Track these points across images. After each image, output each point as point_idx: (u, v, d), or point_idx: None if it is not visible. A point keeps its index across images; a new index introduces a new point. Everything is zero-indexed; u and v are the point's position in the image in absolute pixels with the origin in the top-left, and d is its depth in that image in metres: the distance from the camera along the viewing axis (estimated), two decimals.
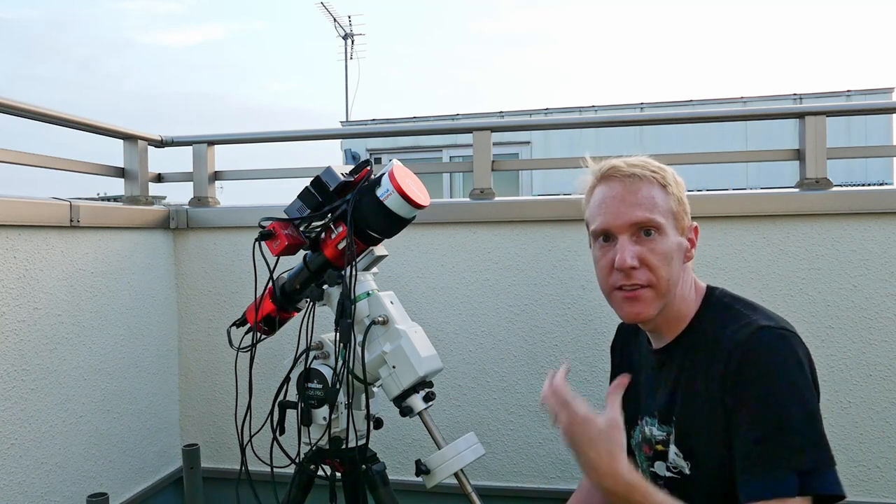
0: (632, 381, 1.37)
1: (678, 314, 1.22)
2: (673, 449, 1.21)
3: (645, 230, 1.16)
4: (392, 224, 1.33)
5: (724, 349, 1.11)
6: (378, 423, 1.41)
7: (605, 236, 1.20)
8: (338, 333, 1.30)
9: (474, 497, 1.27)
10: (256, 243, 1.37)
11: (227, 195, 2.67)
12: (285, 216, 1.36)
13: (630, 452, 1.38)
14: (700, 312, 1.22)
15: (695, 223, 1.24)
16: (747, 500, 1.05)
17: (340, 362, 1.31)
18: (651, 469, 1.28)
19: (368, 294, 1.37)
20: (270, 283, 1.44)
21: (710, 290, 1.24)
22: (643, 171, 1.18)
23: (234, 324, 1.53)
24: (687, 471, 1.19)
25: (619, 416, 1.08)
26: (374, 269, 1.43)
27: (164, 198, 3.73)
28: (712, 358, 1.13)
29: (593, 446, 1.06)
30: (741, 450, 1.07)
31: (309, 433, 1.39)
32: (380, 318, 1.32)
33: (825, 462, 1.04)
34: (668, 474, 1.23)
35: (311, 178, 1.36)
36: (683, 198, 1.22)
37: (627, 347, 1.42)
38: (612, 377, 1.47)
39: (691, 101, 9.02)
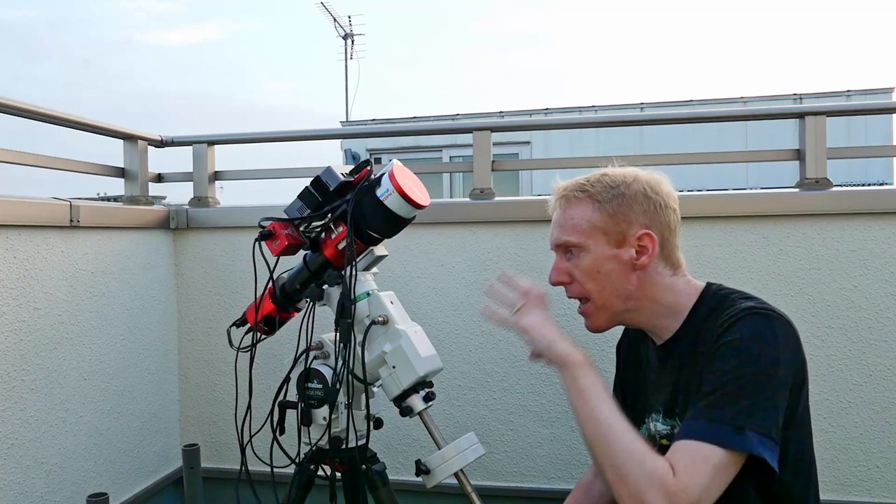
0: (638, 381, 1.39)
1: (667, 312, 1.25)
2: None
3: (566, 249, 1.26)
4: (392, 224, 1.33)
5: (713, 332, 1.15)
6: (378, 423, 1.41)
7: None
8: (338, 333, 1.30)
9: (474, 497, 1.27)
10: (256, 243, 1.37)
11: (228, 195, 2.68)
12: (285, 216, 1.36)
13: None
14: (696, 306, 1.24)
15: (644, 230, 1.21)
16: (678, 439, 1.07)
17: (340, 362, 1.31)
18: None
19: (368, 294, 1.37)
20: (270, 283, 1.44)
21: (708, 286, 1.27)
22: (572, 192, 1.25)
23: (234, 324, 1.53)
24: None
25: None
26: (374, 269, 1.43)
27: (164, 198, 3.73)
28: (706, 344, 1.16)
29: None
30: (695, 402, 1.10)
31: (309, 433, 1.39)
32: (380, 318, 1.32)
33: (757, 425, 1.03)
34: None
35: (311, 178, 1.36)
36: (626, 210, 1.21)
37: (634, 347, 1.44)
38: (618, 376, 1.48)
39: (691, 101, 9.03)
